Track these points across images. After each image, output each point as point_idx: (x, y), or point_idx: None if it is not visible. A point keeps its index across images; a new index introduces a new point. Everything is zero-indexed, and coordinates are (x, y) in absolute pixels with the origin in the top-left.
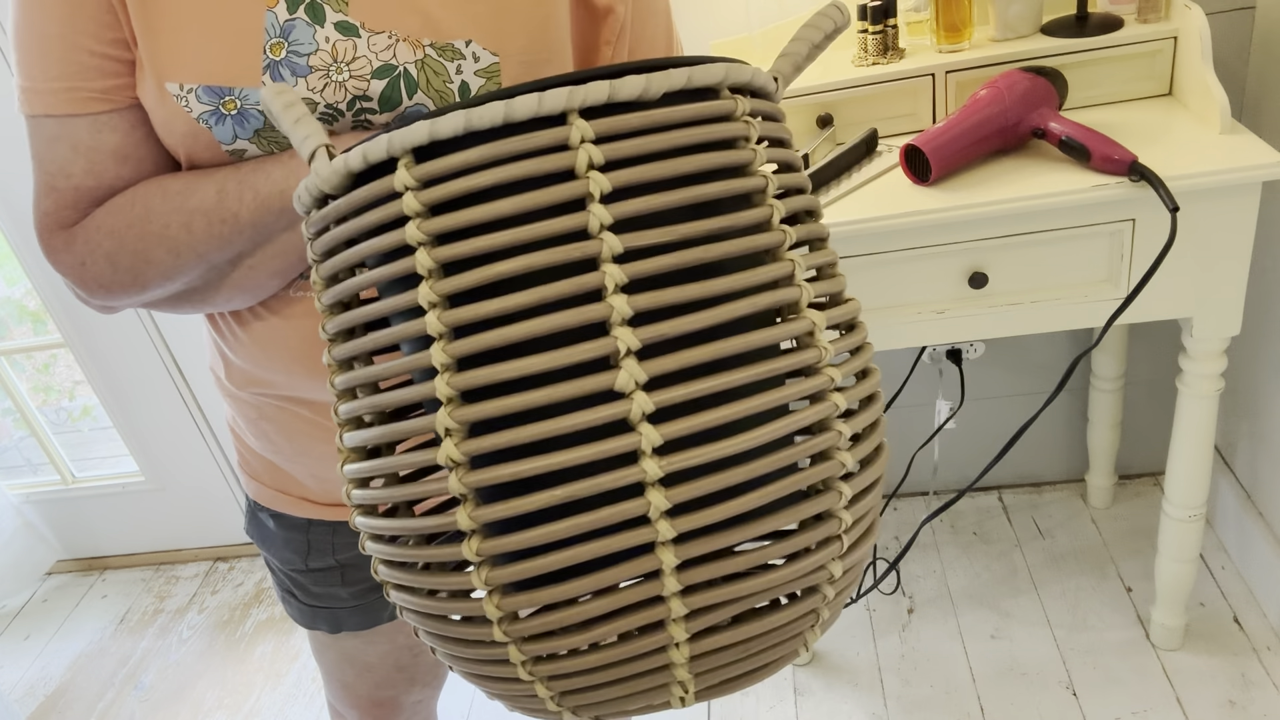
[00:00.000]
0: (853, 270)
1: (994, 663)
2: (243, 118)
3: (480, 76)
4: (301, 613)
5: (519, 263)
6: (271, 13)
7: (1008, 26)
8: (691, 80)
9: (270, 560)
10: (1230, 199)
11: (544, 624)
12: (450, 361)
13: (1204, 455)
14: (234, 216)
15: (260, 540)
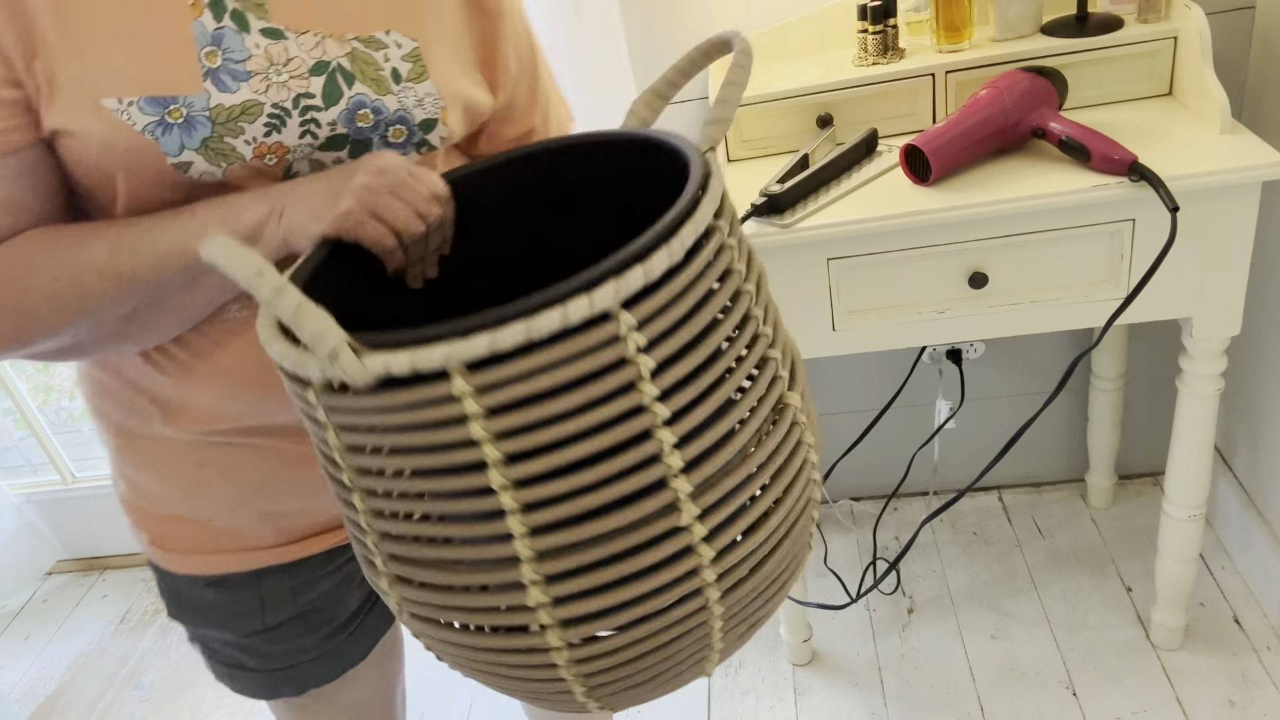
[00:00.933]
0: (853, 270)
1: (994, 663)
2: (190, 125)
3: (406, 61)
4: (258, 683)
5: (586, 447)
6: (198, 22)
7: (1008, 26)
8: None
9: (209, 636)
10: (1230, 199)
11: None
12: (527, 530)
13: (1204, 455)
14: (130, 273)
15: (197, 618)
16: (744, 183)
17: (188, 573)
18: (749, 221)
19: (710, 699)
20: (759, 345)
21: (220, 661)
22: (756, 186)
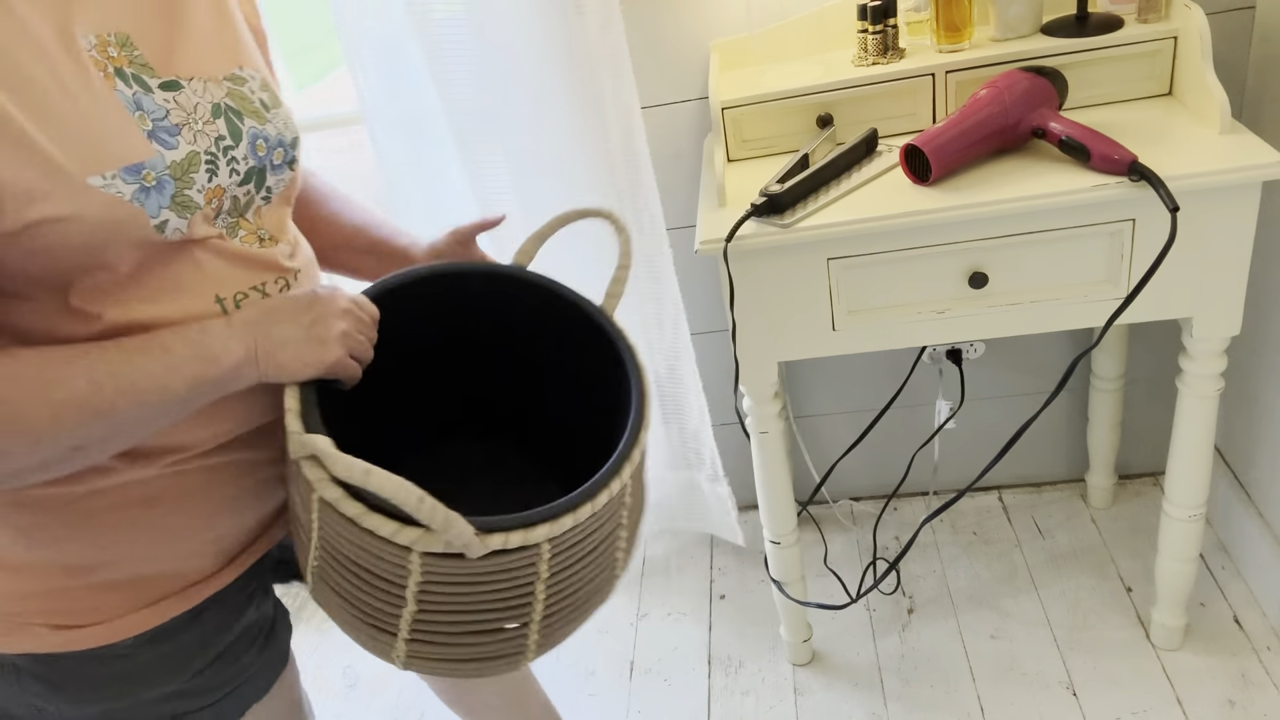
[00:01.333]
0: (853, 270)
1: (994, 663)
2: (160, 186)
3: (263, 91)
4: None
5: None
6: (118, 91)
7: (1008, 26)
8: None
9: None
10: (1230, 199)
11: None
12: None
13: (1204, 455)
14: (110, 409)
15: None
16: (744, 183)
17: (122, 638)
18: (749, 221)
19: (710, 699)
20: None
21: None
22: (756, 186)
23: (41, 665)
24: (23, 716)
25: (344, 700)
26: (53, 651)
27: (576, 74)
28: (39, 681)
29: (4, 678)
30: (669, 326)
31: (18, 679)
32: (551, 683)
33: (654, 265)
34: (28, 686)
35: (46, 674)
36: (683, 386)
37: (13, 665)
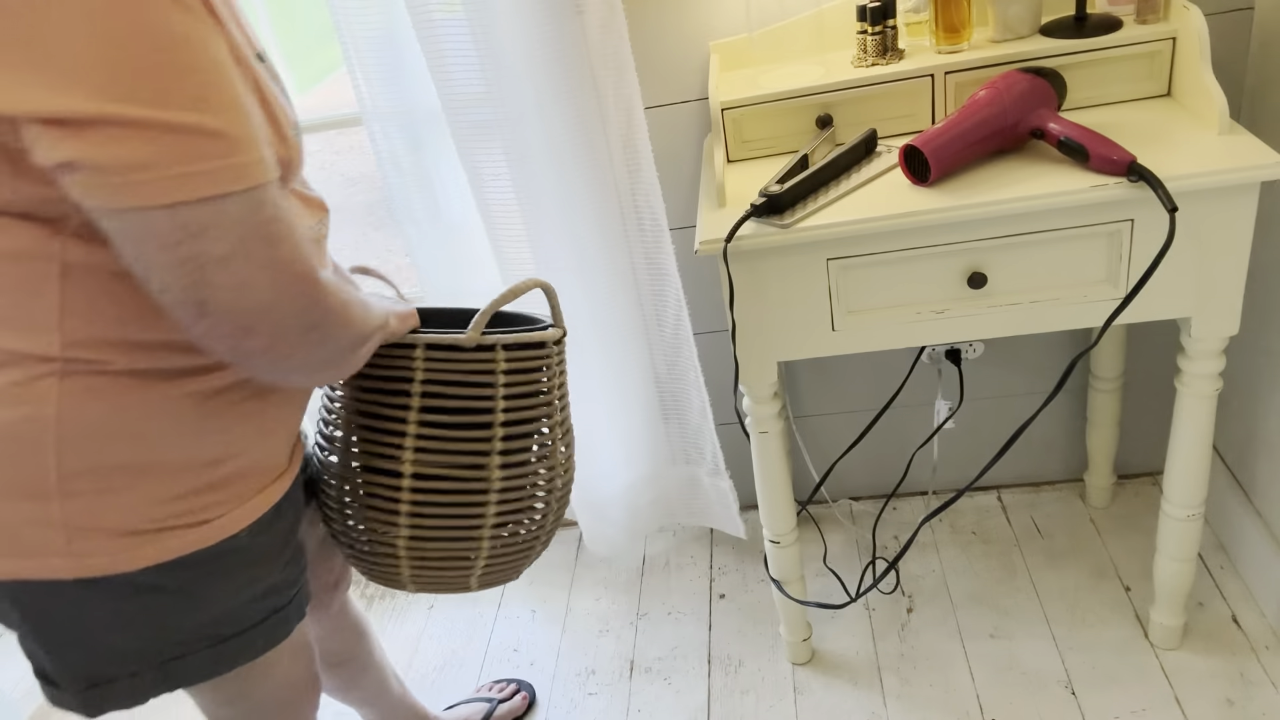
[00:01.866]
0: (852, 270)
1: (993, 662)
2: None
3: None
4: (291, 614)
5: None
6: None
7: (1007, 27)
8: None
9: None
10: (1229, 199)
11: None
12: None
13: (1203, 455)
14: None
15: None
16: (744, 183)
17: (241, 527)
18: (749, 222)
19: (710, 698)
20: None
21: (259, 618)
22: (756, 186)
23: (166, 575)
24: (148, 636)
25: None
26: (181, 556)
27: (577, 74)
28: (163, 594)
29: (128, 599)
30: (670, 324)
31: (138, 596)
32: (551, 682)
33: (655, 263)
34: (150, 603)
35: (171, 584)
36: (683, 382)
37: (133, 584)
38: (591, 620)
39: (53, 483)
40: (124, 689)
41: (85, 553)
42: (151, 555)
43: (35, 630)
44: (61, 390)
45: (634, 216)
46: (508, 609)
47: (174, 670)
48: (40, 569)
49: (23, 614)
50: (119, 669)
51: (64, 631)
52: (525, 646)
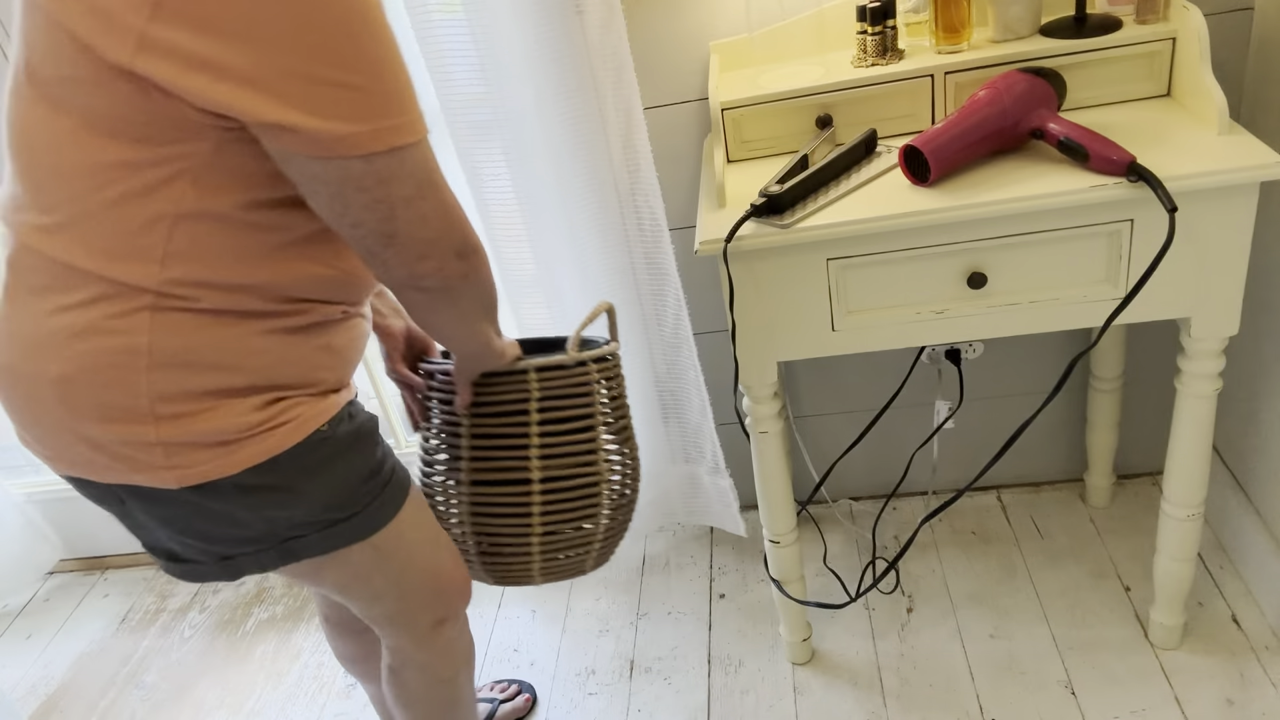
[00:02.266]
0: (852, 270)
1: (993, 662)
2: None
3: None
4: (396, 494)
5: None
6: None
7: (1006, 28)
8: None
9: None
10: (1228, 199)
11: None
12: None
13: (1202, 455)
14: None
15: (334, 466)
16: (744, 183)
17: (324, 421)
18: (749, 222)
19: (710, 697)
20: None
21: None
22: (756, 186)
23: (265, 474)
24: (261, 527)
25: (344, 699)
26: (275, 455)
27: (576, 74)
28: (267, 491)
29: (236, 499)
30: (670, 323)
31: (244, 495)
32: (551, 682)
33: (655, 263)
34: (256, 500)
35: (272, 480)
36: (683, 381)
37: (236, 485)
38: (591, 620)
39: (145, 406)
40: (252, 562)
41: (184, 464)
42: (245, 459)
43: (162, 523)
44: (154, 323)
45: (634, 216)
46: (508, 609)
47: (294, 547)
48: (151, 480)
49: (147, 511)
50: (242, 549)
51: (187, 524)
52: (525, 646)
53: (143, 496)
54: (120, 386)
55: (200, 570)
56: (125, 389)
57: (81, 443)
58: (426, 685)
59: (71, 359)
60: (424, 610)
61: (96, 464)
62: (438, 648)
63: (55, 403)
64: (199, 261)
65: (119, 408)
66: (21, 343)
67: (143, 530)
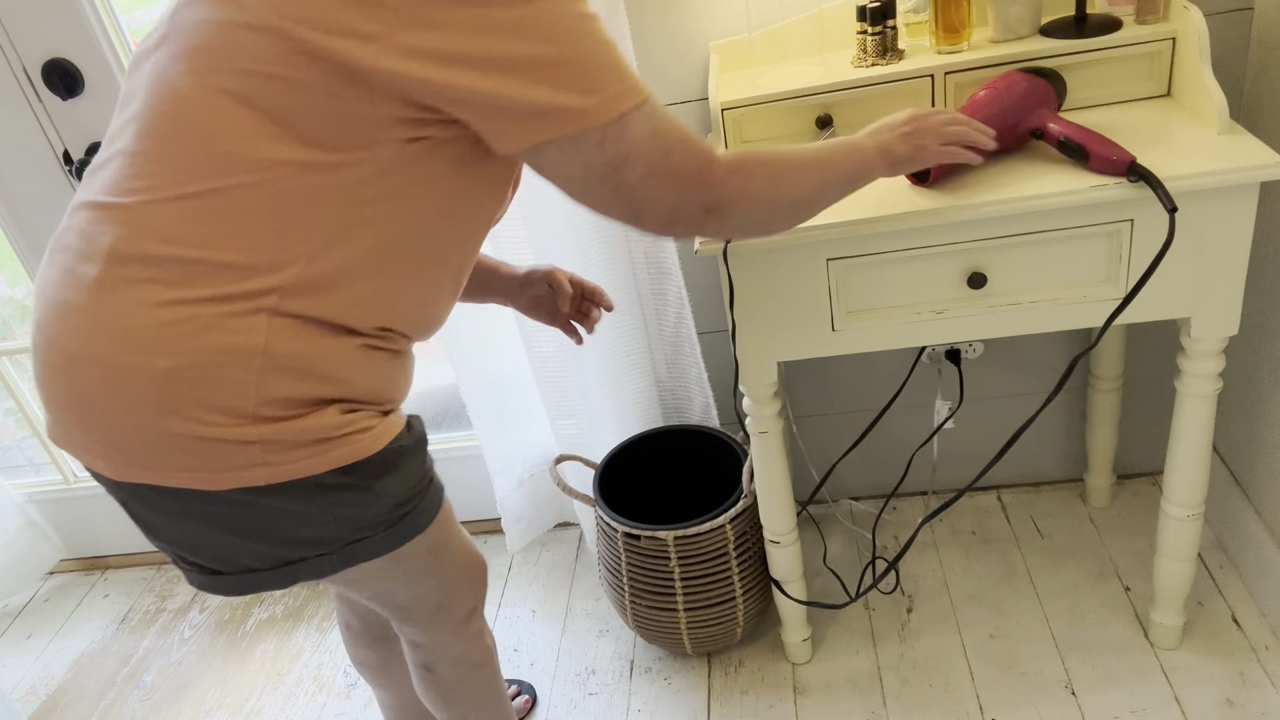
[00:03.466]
0: (852, 270)
1: (993, 662)
2: None
3: None
4: (438, 490)
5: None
6: None
7: (1006, 28)
8: None
9: (413, 482)
10: (1228, 199)
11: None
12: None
13: (1202, 455)
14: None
15: (403, 467)
16: None
17: (396, 433)
18: None
19: (710, 698)
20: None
21: (420, 495)
22: None
23: (346, 474)
24: (333, 526)
25: (344, 699)
26: (357, 460)
27: None
28: (345, 490)
29: (315, 497)
30: (670, 323)
31: (325, 494)
32: (551, 682)
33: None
34: (335, 499)
35: (350, 481)
36: (685, 380)
37: (319, 484)
38: (591, 620)
39: (250, 408)
40: (310, 567)
41: (278, 462)
42: (336, 459)
43: (222, 527)
44: (270, 326)
45: None
46: (508, 609)
47: (357, 549)
48: (237, 480)
49: (204, 516)
50: (305, 553)
51: (251, 527)
52: (525, 646)
53: (204, 499)
54: (230, 386)
55: (251, 580)
56: (234, 389)
57: (160, 441)
58: (463, 675)
59: (183, 354)
60: (463, 600)
61: (167, 466)
62: (471, 635)
63: (151, 399)
64: (335, 273)
65: (223, 407)
66: (117, 335)
67: (185, 541)
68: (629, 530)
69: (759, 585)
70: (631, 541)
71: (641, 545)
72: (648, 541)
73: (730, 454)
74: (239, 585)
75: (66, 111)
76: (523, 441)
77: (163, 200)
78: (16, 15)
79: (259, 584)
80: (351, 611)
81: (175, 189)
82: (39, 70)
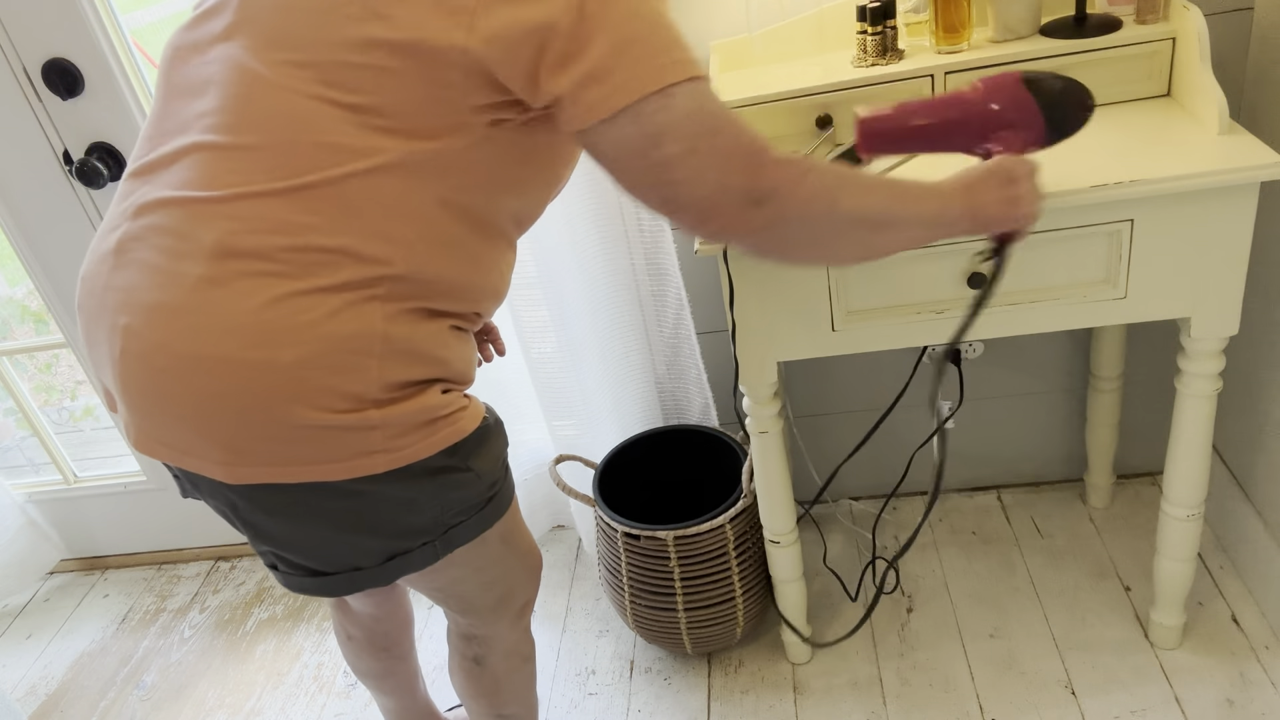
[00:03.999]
0: (852, 270)
1: (993, 662)
2: None
3: None
4: (510, 472)
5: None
6: None
7: (1007, 28)
8: None
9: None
10: (1228, 199)
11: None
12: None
13: (1202, 455)
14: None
15: (495, 450)
16: None
17: (485, 413)
18: None
19: (710, 697)
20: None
21: (501, 476)
22: None
23: (449, 456)
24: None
25: (344, 699)
26: (460, 440)
27: None
28: (450, 472)
29: (424, 481)
30: (670, 324)
31: (433, 477)
32: (551, 682)
33: (655, 263)
34: (442, 481)
35: (453, 462)
36: (684, 381)
37: (427, 468)
38: (591, 620)
39: (373, 394)
40: (418, 557)
41: (396, 447)
42: (443, 440)
43: (332, 524)
44: (385, 312)
45: (634, 216)
46: None
47: (454, 535)
48: (358, 468)
49: (319, 516)
50: (410, 542)
51: (366, 521)
52: None
53: (321, 494)
54: (356, 373)
55: (359, 578)
56: (359, 375)
57: (286, 435)
58: (512, 668)
59: (310, 342)
60: (523, 591)
61: (290, 459)
62: (524, 628)
63: (281, 391)
64: (433, 258)
65: (349, 395)
66: (240, 331)
67: (291, 543)
68: (629, 530)
69: (759, 585)
70: (631, 541)
71: (641, 545)
72: (647, 541)
73: (730, 454)
74: (347, 584)
75: (66, 111)
76: (521, 443)
77: (267, 193)
78: (16, 15)
79: (366, 582)
80: (353, 622)
81: (278, 181)
82: (39, 70)
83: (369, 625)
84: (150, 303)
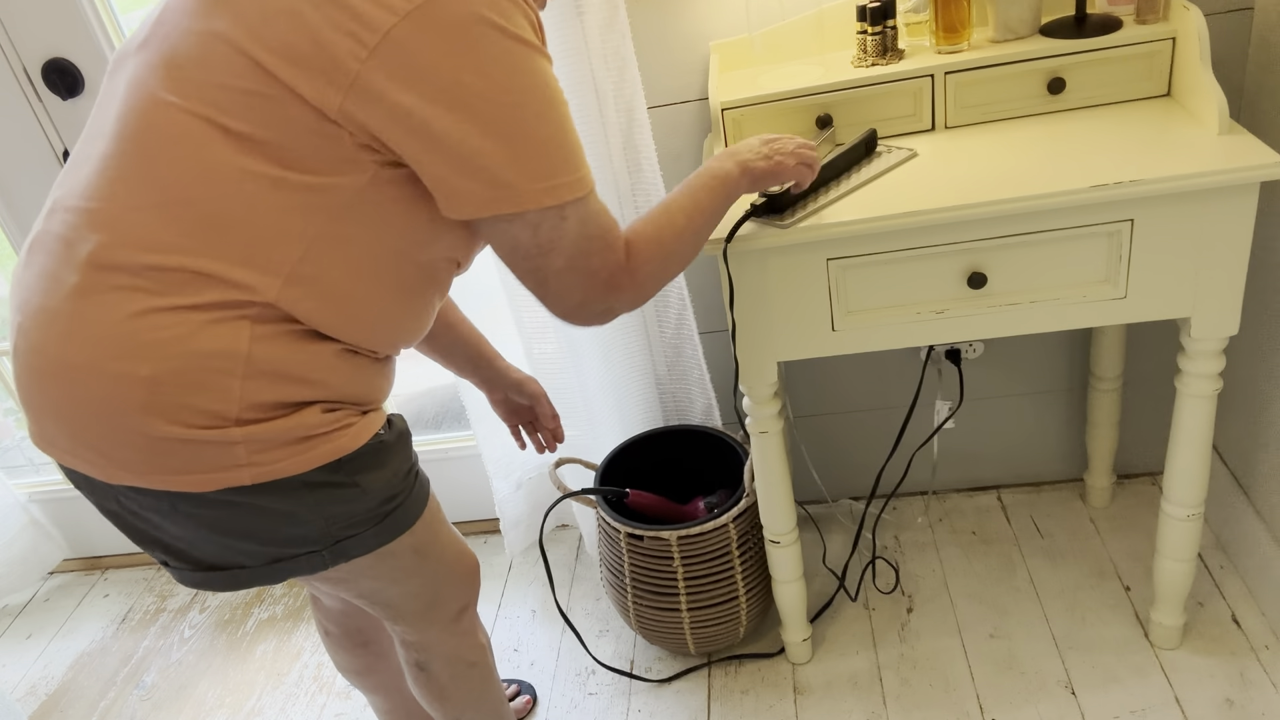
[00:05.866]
0: (852, 270)
1: (993, 662)
2: None
3: None
4: (423, 484)
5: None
6: None
7: (1006, 28)
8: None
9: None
10: (1228, 199)
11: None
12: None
13: (1202, 455)
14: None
15: (386, 462)
16: None
17: (378, 429)
18: (749, 222)
19: (710, 698)
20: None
21: (407, 490)
22: None
23: (332, 472)
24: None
25: (344, 700)
26: (341, 456)
27: (577, 74)
28: (331, 487)
29: (303, 496)
30: (671, 324)
31: (312, 492)
32: (551, 682)
33: None
34: (322, 497)
35: (336, 478)
36: (686, 382)
37: (305, 483)
38: (591, 620)
39: (234, 413)
40: (304, 563)
41: (263, 462)
42: (320, 457)
43: (211, 528)
44: (254, 333)
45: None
46: (508, 609)
47: (347, 546)
48: (223, 480)
49: (193, 516)
50: (295, 550)
51: (237, 526)
52: (525, 646)
53: (192, 501)
54: (214, 391)
55: (244, 576)
56: (218, 394)
57: (146, 445)
58: (455, 674)
59: (166, 359)
60: (454, 597)
61: (155, 469)
62: (463, 633)
63: (136, 403)
64: (315, 287)
65: (207, 412)
66: (103, 342)
67: (176, 540)
68: (632, 531)
69: (761, 585)
70: (635, 542)
71: (645, 546)
72: (651, 542)
73: (731, 454)
74: (231, 581)
75: (66, 111)
76: None
77: (144, 207)
78: (16, 15)
79: (250, 580)
80: (328, 618)
81: (156, 196)
82: (39, 70)
83: (341, 620)
84: (36, 306)
